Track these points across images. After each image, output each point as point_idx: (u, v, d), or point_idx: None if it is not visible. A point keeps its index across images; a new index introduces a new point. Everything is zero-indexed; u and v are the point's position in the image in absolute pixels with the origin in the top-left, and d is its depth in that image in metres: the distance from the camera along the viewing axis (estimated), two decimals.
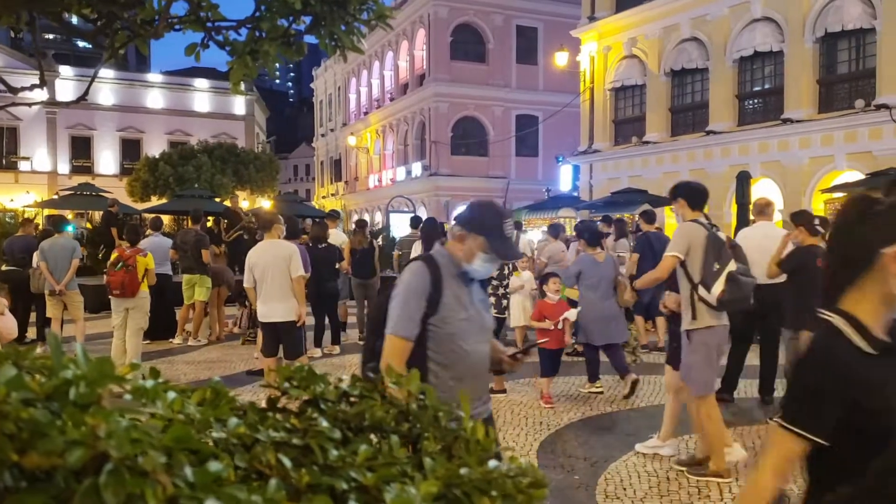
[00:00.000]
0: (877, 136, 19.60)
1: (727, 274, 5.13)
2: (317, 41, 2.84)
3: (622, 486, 5.28)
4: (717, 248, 5.19)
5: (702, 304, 5.20)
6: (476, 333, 2.94)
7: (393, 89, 45.53)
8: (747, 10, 22.79)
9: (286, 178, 78.52)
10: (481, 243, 2.89)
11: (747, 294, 5.27)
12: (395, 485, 0.70)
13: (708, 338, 5.30)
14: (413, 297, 2.86)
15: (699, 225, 5.29)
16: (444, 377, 2.85)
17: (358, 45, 2.72)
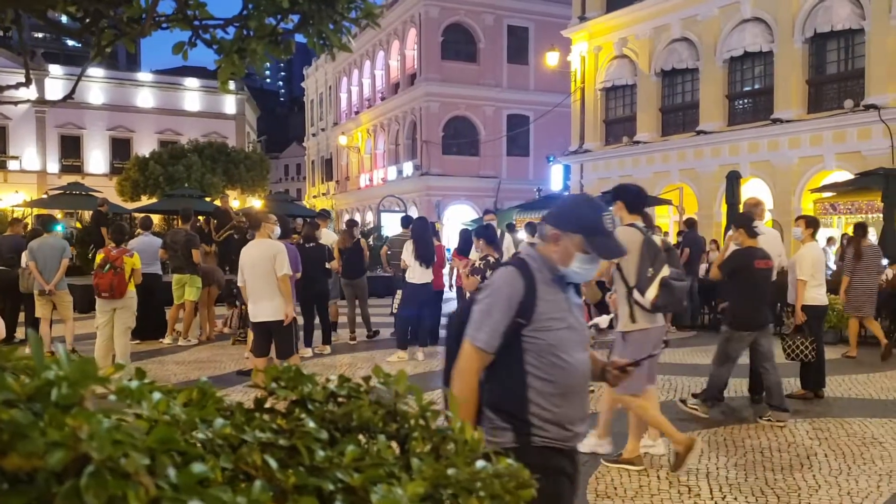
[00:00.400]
0: (865, 136, 19.70)
1: (661, 279, 5.21)
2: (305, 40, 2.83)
3: (613, 485, 5.28)
4: (653, 253, 5.27)
5: (637, 306, 5.31)
6: (578, 343, 2.68)
7: (384, 89, 45.49)
8: (737, 11, 22.86)
9: (277, 177, 78.35)
10: (579, 242, 2.61)
11: (680, 298, 5.39)
12: (382, 486, 0.69)
13: (642, 339, 5.38)
14: (500, 305, 2.59)
15: (636, 229, 5.34)
16: (546, 393, 2.57)
17: (346, 43, 2.71)
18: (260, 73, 2.83)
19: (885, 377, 9.27)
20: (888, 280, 12.36)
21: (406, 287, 10.65)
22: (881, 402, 7.96)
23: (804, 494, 5.09)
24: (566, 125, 30.87)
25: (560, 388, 2.59)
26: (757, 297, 7.02)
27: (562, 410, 2.56)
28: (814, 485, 5.29)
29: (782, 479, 5.40)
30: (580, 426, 2.68)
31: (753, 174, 22.41)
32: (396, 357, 10.33)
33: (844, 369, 9.78)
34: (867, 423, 6.99)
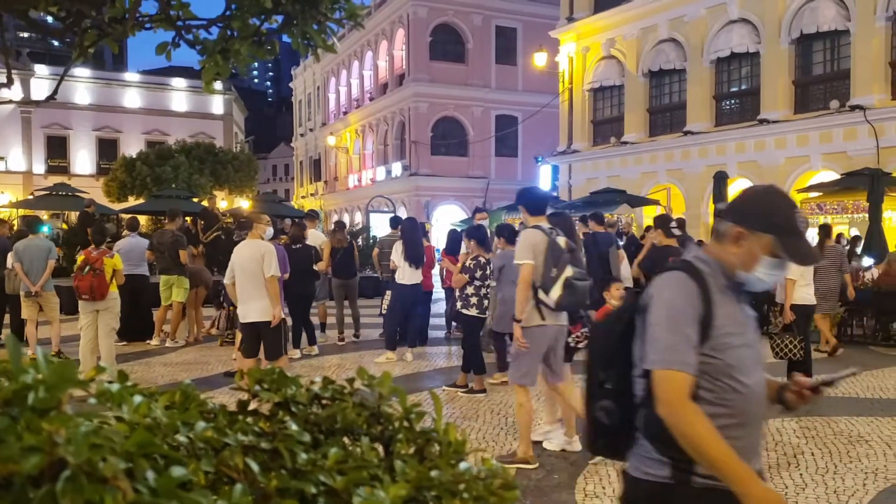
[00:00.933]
0: (851, 137, 19.82)
1: (564, 280, 5.41)
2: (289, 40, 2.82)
3: (601, 485, 5.29)
4: (556, 254, 5.47)
5: (544, 305, 5.51)
6: (755, 364, 2.29)
7: (372, 89, 45.45)
8: (724, 12, 22.97)
9: (265, 177, 78.15)
10: (768, 243, 2.20)
11: (582, 298, 5.58)
12: (365, 488, 0.69)
13: (540, 334, 5.62)
14: (683, 318, 2.17)
15: (540, 231, 5.55)
16: (721, 422, 2.14)
17: (330, 44, 2.70)
18: (244, 74, 2.81)
19: (871, 376, 9.33)
20: (873, 279, 12.45)
21: (395, 288, 10.63)
22: (867, 401, 8.01)
23: (791, 493, 5.12)
24: (554, 126, 30.93)
25: (736, 416, 2.20)
26: None
27: (735, 444, 2.13)
28: (801, 483, 5.32)
29: (770, 478, 5.42)
30: (755, 462, 2.24)
31: (740, 174, 22.50)
32: (385, 358, 10.31)
33: (830, 368, 9.83)
34: (853, 421, 7.03)
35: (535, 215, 5.72)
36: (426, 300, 11.82)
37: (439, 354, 11.17)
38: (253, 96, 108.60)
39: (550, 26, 30.51)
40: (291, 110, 66.51)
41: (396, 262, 10.46)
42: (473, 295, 8.57)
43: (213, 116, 53.06)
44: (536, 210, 5.75)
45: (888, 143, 18.90)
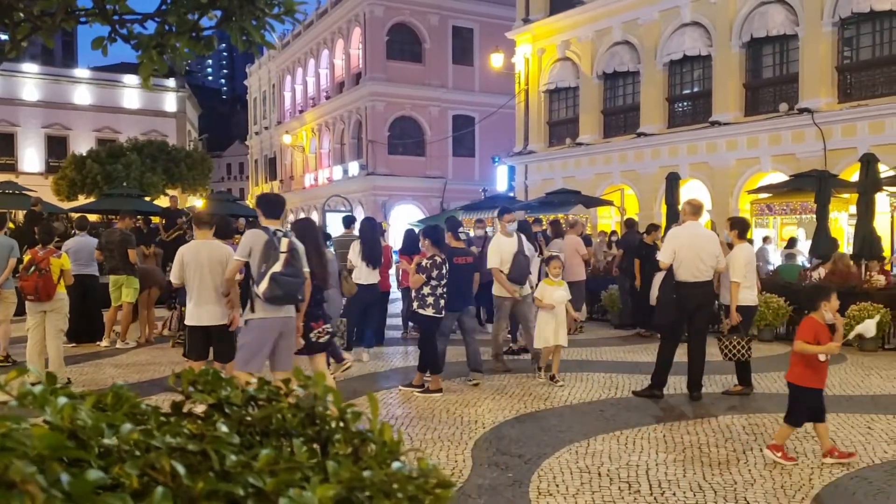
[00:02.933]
0: (800, 139, 20.29)
1: (271, 274, 5.95)
2: (229, 36, 2.77)
3: (555, 483, 5.33)
4: (270, 251, 6.00)
5: (257, 298, 6.07)
6: None
7: (329, 88, 45.18)
8: (677, 15, 23.32)
9: (219, 176, 77.23)
10: None
11: (289, 292, 6.06)
12: (295, 489, 0.67)
13: (261, 326, 6.17)
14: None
15: (262, 231, 6.12)
16: None
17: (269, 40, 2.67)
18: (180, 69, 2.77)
19: None
20: (820, 278, 12.73)
21: None
22: None
23: (740, 489, 5.21)
24: (511, 126, 31.10)
25: None
26: (457, 285, 8.80)
27: None
28: (749, 479, 5.41)
29: (719, 475, 5.52)
30: None
31: (692, 175, 22.88)
32: None
33: (780, 366, 10.04)
34: None
35: (269, 218, 6.33)
36: (383, 301, 11.79)
37: (396, 354, 11.14)
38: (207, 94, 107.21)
39: (507, 27, 30.67)
40: (246, 108, 65.78)
41: (354, 262, 10.40)
42: (430, 295, 8.55)
43: (165, 114, 52.24)
44: (270, 213, 6.36)
45: (835, 146, 19.39)
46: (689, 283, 7.94)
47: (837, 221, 17.80)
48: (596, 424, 7.02)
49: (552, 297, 8.92)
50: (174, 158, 37.73)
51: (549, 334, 8.87)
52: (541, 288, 9.05)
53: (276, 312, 6.16)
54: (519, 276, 9.41)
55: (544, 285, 9.06)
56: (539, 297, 8.98)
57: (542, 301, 8.92)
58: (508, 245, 9.50)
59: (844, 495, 5.11)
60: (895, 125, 18.43)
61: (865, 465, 5.74)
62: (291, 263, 6.05)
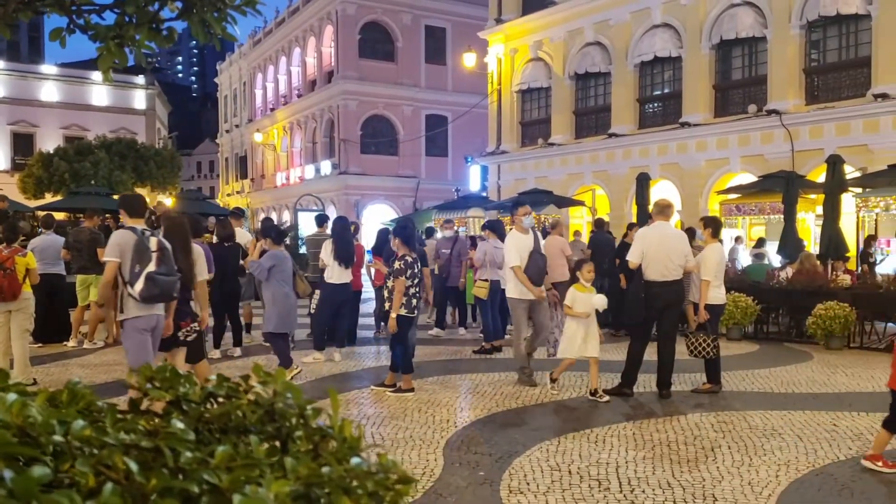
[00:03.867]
0: (768, 140, 20.54)
1: (146, 274, 5.98)
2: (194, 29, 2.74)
3: (526, 481, 5.34)
4: (141, 252, 6.01)
5: (130, 298, 6.08)
6: None
7: (300, 86, 44.94)
8: (648, 17, 23.51)
9: (189, 174, 76.52)
10: None
11: (166, 290, 6.12)
12: (252, 486, 0.67)
13: (135, 325, 6.20)
14: None
15: (130, 231, 6.12)
16: None
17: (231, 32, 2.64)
18: (141, 61, 2.73)
19: (784, 371, 9.68)
20: (787, 277, 12.91)
21: (324, 287, 10.52)
22: (781, 395, 8.31)
23: (708, 486, 5.26)
24: (484, 126, 31.14)
25: None
26: None
27: None
28: (717, 476, 5.47)
29: (688, 472, 5.57)
30: None
31: (663, 176, 23.08)
32: (313, 358, 10.20)
33: (747, 364, 10.17)
34: (768, 415, 7.28)
35: (134, 217, 6.32)
36: (356, 300, 11.75)
37: (368, 354, 11.11)
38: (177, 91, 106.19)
39: (479, 27, 30.71)
40: (217, 106, 65.24)
41: (326, 261, 10.35)
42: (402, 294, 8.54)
43: (135, 111, 51.64)
44: (135, 212, 6.35)
45: (802, 147, 19.66)
46: (658, 282, 8.01)
47: (805, 222, 18.05)
48: (567, 422, 7.06)
49: (586, 305, 8.04)
50: (143, 156, 37.32)
51: (578, 345, 8.04)
52: (571, 294, 8.15)
53: (149, 310, 6.21)
54: (536, 277, 8.75)
55: (575, 291, 8.13)
56: (569, 304, 8.10)
57: (574, 309, 8.04)
58: (524, 242, 8.85)
59: (810, 491, 5.18)
60: (861, 127, 18.74)
61: (830, 462, 5.83)
62: (164, 262, 6.09)
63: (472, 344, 11.81)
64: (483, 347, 11.10)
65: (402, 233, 8.85)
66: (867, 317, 11.93)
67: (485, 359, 10.71)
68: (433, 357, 10.82)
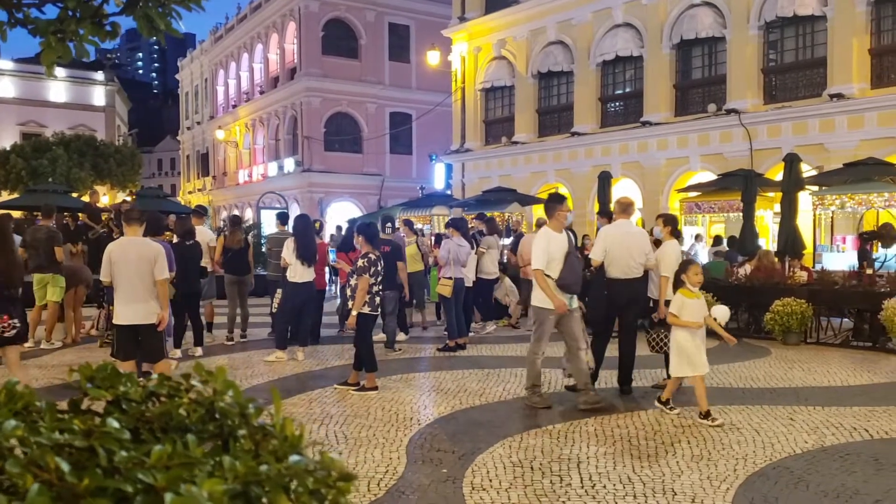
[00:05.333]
0: (727, 139, 20.86)
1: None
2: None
3: (488, 478, 5.36)
4: None
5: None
6: None
7: (263, 82, 44.55)
8: (609, 16, 23.71)
9: (150, 172, 75.48)
10: None
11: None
12: (187, 485, 0.66)
13: None
14: None
15: None
16: None
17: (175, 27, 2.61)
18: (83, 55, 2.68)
19: (743, 366, 9.84)
20: (746, 274, 13.13)
21: (286, 286, 10.45)
22: (740, 391, 8.44)
23: (668, 480, 5.33)
24: (448, 124, 31.17)
25: None
26: None
27: None
28: (677, 471, 5.55)
29: (648, 467, 5.64)
30: None
31: (624, 174, 23.31)
32: (275, 357, 10.13)
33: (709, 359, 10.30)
34: (727, 409, 7.39)
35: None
36: (319, 299, 11.70)
37: (331, 353, 11.06)
38: (137, 87, 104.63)
39: (443, 25, 30.71)
40: (178, 102, 64.37)
41: (288, 259, 10.28)
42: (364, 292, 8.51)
43: (94, 108, 50.74)
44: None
45: (761, 146, 20.00)
46: (621, 279, 8.09)
47: (763, 219, 18.37)
48: (529, 419, 7.10)
49: (696, 314, 7.06)
50: (103, 154, 36.71)
51: (699, 360, 7.02)
52: (678, 302, 7.10)
53: None
54: (572, 283, 7.54)
55: (683, 298, 7.08)
56: (676, 312, 7.08)
57: (681, 318, 7.05)
58: (558, 242, 7.57)
59: (767, 484, 5.27)
60: (817, 126, 19.11)
61: (787, 455, 5.94)
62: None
63: (437, 342, 11.82)
64: (447, 345, 11.12)
65: (366, 231, 8.82)
66: (823, 312, 12.18)
67: (449, 357, 10.72)
68: (397, 355, 10.82)
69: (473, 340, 11.97)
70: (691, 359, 6.99)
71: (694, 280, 7.09)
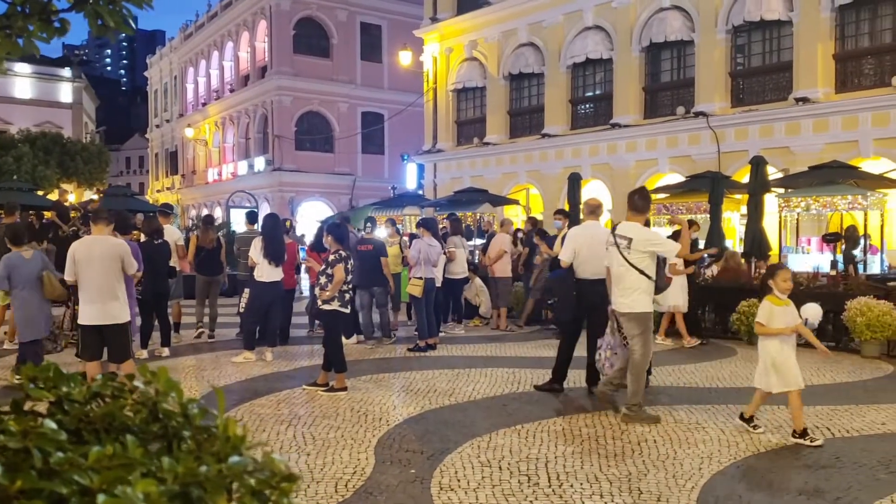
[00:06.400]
0: (695, 142, 21.08)
1: None
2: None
3: (456, 478, 5.37)
4: None
5: None
6: None
7: (233, 81, 44.21)
8: (580, 19, 23.85)
9: (118, 170, 74.54)
10: None
11: None
12: (123, 486, 0.66)
13: None
14: None
15: None
16: None
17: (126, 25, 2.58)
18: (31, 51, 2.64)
19: (709, 366, 9.96)
20: (713, 275, 13.28)
21: (254, 285, 10.38)
22: (706, 390, 8.54)
23: (634, 479, 5.38)
24: (420, 124, 31.16)
25: None
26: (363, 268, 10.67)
27: None
28: (643, 469, 5.60)
29: (615, 466, 5.68)
30: None
31: (594, 176, 23.45)
32: (243, 358, 10.05)
33: (674, 360, 10.42)
34: (693, 409, 7.47)
35: None
36: (288, 299, 11.64)
37: (301, 353, 11.01)
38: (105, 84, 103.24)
39: (415, 25, 30.69)
40: (147, 100, 63.65)
41: (256, 259, 10.21)
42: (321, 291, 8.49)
43: (60, 105, 49.99)
44: None
45: (728, 149, 20.23)
46: (590, 280, 8.15)
47: (730, 221, 18.58)
48: (498, 419, 7.12)
49: (785, 321, 6.44)
50: (69, 151, 36.21)
51: (791, 375, 6.38)
52: (766, 309, 6.49)
53: None
54: (663, 284, 7.40)
55: (771, 305, 6.48)
56: (764, 321, 6.49)
57: (770, 326, 6.43)
58: None
59: (731, 483, 5.34)
60: (783, 129, 19.38)
61: (751, 454, 6.02)
62: None
63: (407, 342, 11.82)
64: (418, 345, 11.12)
65: (335, 231, 8.81)
66: None
67: (419, 357, 10.72)
68: (367, 356, 10.80)
69: (444, 341, 11.98)
70: (783, 373, 6.36)
71: (783, 287, 6.46)
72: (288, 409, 7.52)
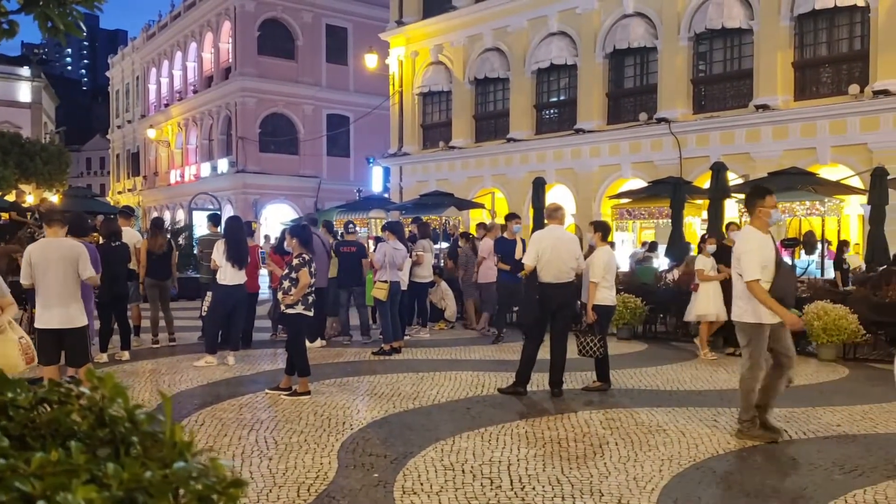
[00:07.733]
0: (658, 148, 21.35)
1: None
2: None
3: (419, 481, 5.37)
4: None
5: None
6: None
7: (196, 81, 43.75)
8: (545, 24, 24.02)
9: (78, 171, 73.35)
10: None
11: None
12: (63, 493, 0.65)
13: None
14: None
15: None
16: None
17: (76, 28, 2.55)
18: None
19: (670, 369, 10.07)
20: (674, 279, 13.44)
21: (216, 289, 10.27)
22: (667, 393, 8.64)
23: (595, 481, 5.42)
24: (386, 127, 31.13)
25: None
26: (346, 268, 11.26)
27: None
28: (605, 472, 5.64)
29: (577, 468, 5.72)
30: None
31: (558, 181, 23.63)
32: (204, 362, 9.93)
33: (636, 363, 10.53)
34: (654, 412, 7.55)
35: None
36: (251, 302, 11.53)
37: (263, 357, 10.91)
38: (66, 84, 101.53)
39: (381, 28, 30.68)
40: (108, 100, 62.71)
41: (218, 261, 10.10)
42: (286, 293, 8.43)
43: (19, 104, 49.06)
44: None
45: (689, 154, 20.52)
46: (553, 283, 8.20)
47: (691, 226, 18.83)
48: (462, 422, 7.13)
49: None
50: (28, 152, 35.49)
51: None
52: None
53: None
54: (788, 294, 6.68)
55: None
56: None
57: None
58: (767, 247, 6.59)
59: (691, 484, 5.41)
60: (743, 136, 19.72)
61: (711, 456, 6.10)
62: None
63: (372, 346, 11.78)
64: (382, 349, 11.09)
65: (300, 233, 8.75)
66: None
67: (383, 360, 10.69)
68: (331, 359, 10.74)
69: (409, 344, 11.97)
70: None
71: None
72: (250, 413, 7.45)
